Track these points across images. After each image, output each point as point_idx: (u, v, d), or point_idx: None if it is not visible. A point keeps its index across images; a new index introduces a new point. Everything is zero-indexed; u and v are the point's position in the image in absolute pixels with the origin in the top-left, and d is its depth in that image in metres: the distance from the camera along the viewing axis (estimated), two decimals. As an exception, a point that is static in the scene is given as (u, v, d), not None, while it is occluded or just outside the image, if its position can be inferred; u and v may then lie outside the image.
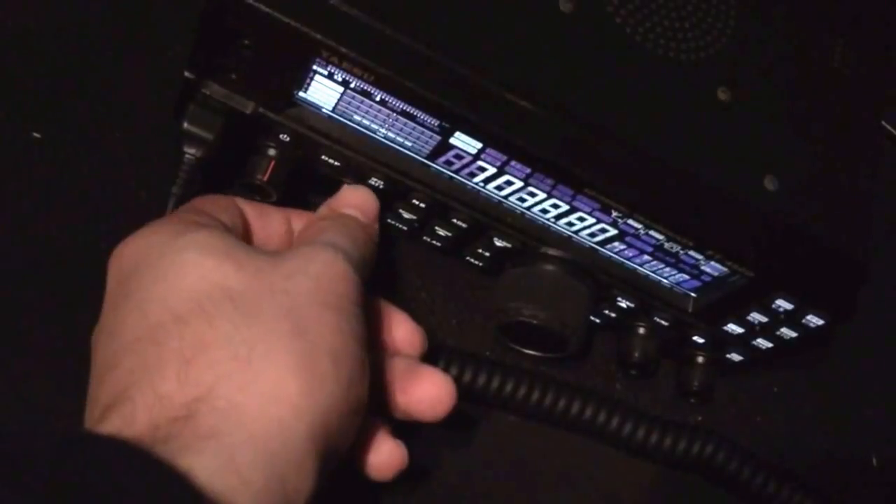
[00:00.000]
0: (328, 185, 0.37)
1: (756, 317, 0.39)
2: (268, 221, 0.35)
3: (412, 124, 0.34)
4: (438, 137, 0.34)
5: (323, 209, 0.35)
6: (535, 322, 0.38)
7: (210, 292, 0.27)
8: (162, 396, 0.26)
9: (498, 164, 0.35)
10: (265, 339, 0.27)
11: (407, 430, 0.34)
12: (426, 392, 0.33)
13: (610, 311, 0.42)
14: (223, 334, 0.26)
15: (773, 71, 0.39)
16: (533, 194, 0.36)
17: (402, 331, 0.35)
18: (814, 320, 0.38)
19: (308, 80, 0.34)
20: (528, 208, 0.38)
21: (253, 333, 0.27)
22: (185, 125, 0.34)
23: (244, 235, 0.34)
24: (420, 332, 0.36)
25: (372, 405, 0.32)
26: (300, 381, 0.26)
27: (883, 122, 0.54)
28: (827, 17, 0.41)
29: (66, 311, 0.36)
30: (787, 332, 0.40)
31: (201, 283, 0.28)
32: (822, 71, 0.40)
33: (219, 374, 0.26)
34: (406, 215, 0.39)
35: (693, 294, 0.40)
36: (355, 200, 0.35)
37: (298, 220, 0.36)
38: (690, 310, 0.41)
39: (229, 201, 0.34)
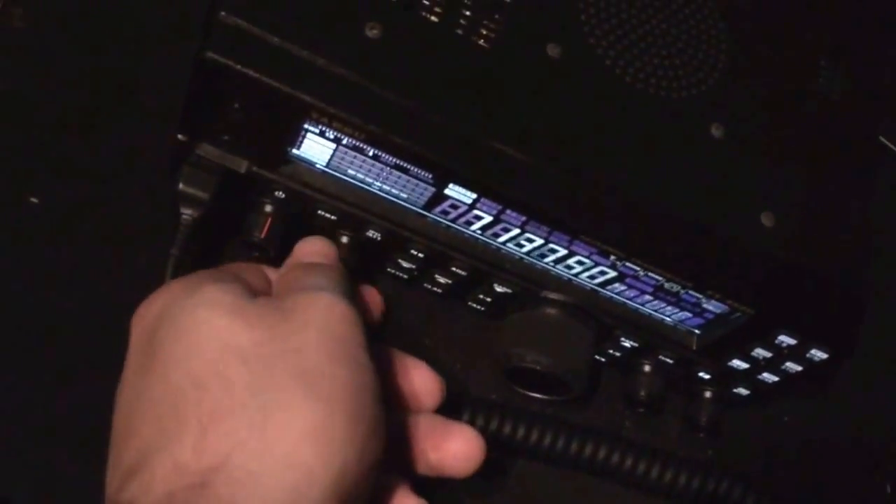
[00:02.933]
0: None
1: (760, 352, 0.39)
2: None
3: (406, 177, 0.34)
4: (433, 189, 0.34)
5: (284, 268, 0.35)
6: (538, 368, 0.38)
7: (224, 354, 0.27)
8: (179, 465, 0.26)
9: (493, 212, 0.35)
10: (279, 405, 0.27)
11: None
12: (459, 449, 0.33)
13: (614, 350, 0.41)
14: (239, 402, 0.27)
15: (766, 104, 0.39)
16: (531, 240, 0.36)
17: (421, 379, 0.35)
18: (818, 354, 0.38)
19: (300, 138, 0.34)
20: (527, 253, 0.38)
21: (267, 399, 0.27)
22: (181, 186, 0.35)
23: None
24: (438, 379, 0.35)
25: (394, 462, 0.32)
26: (315, 446, 0.26)
27: (881, 139, 0.54)
28: (814, 44, 0.41)
29: (67, 376, 0.36)
30: (791, 367, 0.39)
31: (215, 344, 0.28)
32: (813, 100, 0.40)
33: (234, 443, 0.26)
34: (405, 265, 0.39)
35: (696, 331, 0.40)
36: (313, 249, 0.35)
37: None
38: (694, 347, 0.40)
39: (257, 266, 0.35)
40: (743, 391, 0.42)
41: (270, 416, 0.26)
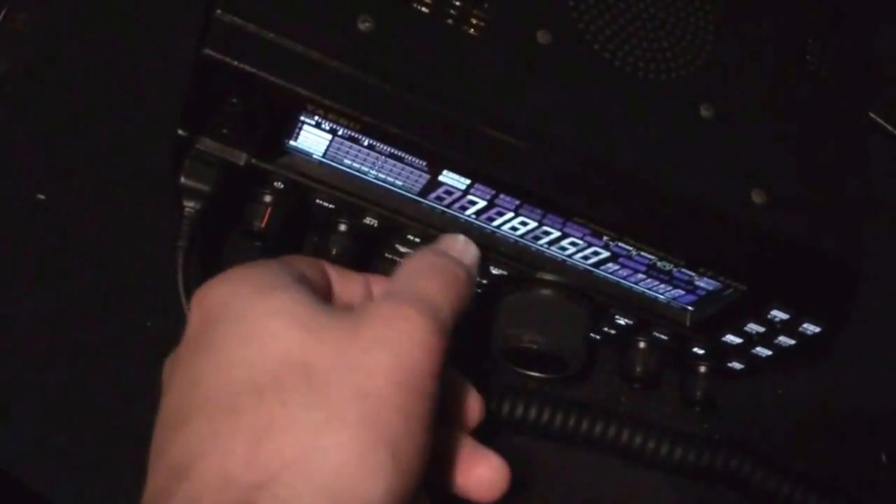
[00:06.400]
0: (326, 226, 0.39)
1: (753, 327, 0.40)
2: (349, 284, 0.34)
3: (401, 165, 0.35)
4: (427, 176, 0.35)
5: (424, 250, 0.34)
6: (534, 347, 0.39)
7: (287, 366, 0.27)
8: (229, 476, 0.25)
9: (487, 197, 0.36)
10: (330, 426, 0.26)
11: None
12: (484, 476, 0.33)
13: (609, 328, 0.42)
14: (292, 418, 0.26)
15: (754, 83, 0.39)
16: (525, 223, 0.37)
17: (470, 402, 0.34)
18: (810, 328, 0.39)
19: (297, 130, 0.35)
20: (521, 236, 0.38)
21: (320, 418, 0.26)
22: (182, 180, 0.36)
23: (327, 296, 0.33)
24: (481, 401, 0.35)
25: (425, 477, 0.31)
26: (357, 474, 0.26)
27: (871, 115, 0.55)
28: (802, 23, 0.41)
29: (78, 369, 0.38)
30: (784, 341, 0.40)
31: (281, 356, 0.27)
32: (802, 78, 0.40)
33: (284, 461, 0.26)
34: (402, 250, 0.40)
35: (690, 308, 0.41)
36: (457, 247, 0.34)
37: (378, 285, 0.35)
38: (688, 323, 0.41)
39: (317, 262, 0.33)
40: (737, 365, 0.43)
41: (319, 437, 0.26)
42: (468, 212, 0.37)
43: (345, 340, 0.28)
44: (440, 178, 0.35)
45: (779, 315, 0.39)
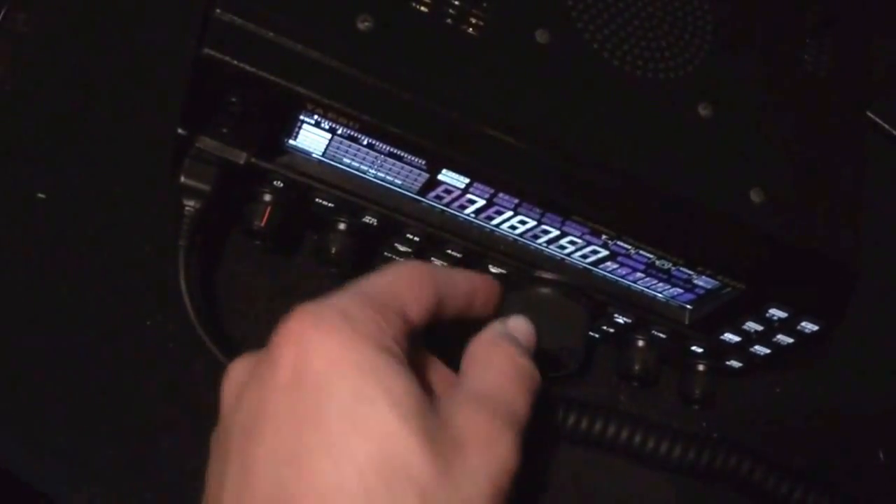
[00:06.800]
0: (326, 225, 0.39)
1: (751, 326, 0.40)
2: (454, 288, 0.33)
3: (400, 164, 0.35)
4: (426, 175, 0.35)
5: (501, 332, 0.34)
6: (534, 346, 0.39)
7: (403, 477, 0.26)
8: None
9: (486, 196, 0.36)
10: None
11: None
12: None
13: (608, 327, 0.42)
14: None
15: (753, 83, 0.39)
16: (524, 222, 0.37)
17: None
18: (808, 327, 0.39)
19: (296, 129, 0.35)
20: (520, 235, 0.39)
21: None
22: (183, 179, 0.36)
23: (430, 312, 0.32)
24: None
25: None
26: None
27: (869, 114, 0.55)
28: (800, 22, 0.41)
29: (78, 369, 0.38)
30: (783, 339, 0.40)
31: (396, 461, 0.26)
32: (800, 77, 0.40)
33: None
34: (402, 248, 0.40)
35: (688, 306, 0.41)
36: (524, 330, 0.35)
37: (482, 287, 0.35)
38: (687, 322, 0.41)
39: (426, 279, 0.32)
40: (735, 363, 0.44)
41: None
42: (467, 210, 0.37)
43: (449, 459, 0.27)
44: (439, 176, 0.35)
45: (777, 313, 0.39)
